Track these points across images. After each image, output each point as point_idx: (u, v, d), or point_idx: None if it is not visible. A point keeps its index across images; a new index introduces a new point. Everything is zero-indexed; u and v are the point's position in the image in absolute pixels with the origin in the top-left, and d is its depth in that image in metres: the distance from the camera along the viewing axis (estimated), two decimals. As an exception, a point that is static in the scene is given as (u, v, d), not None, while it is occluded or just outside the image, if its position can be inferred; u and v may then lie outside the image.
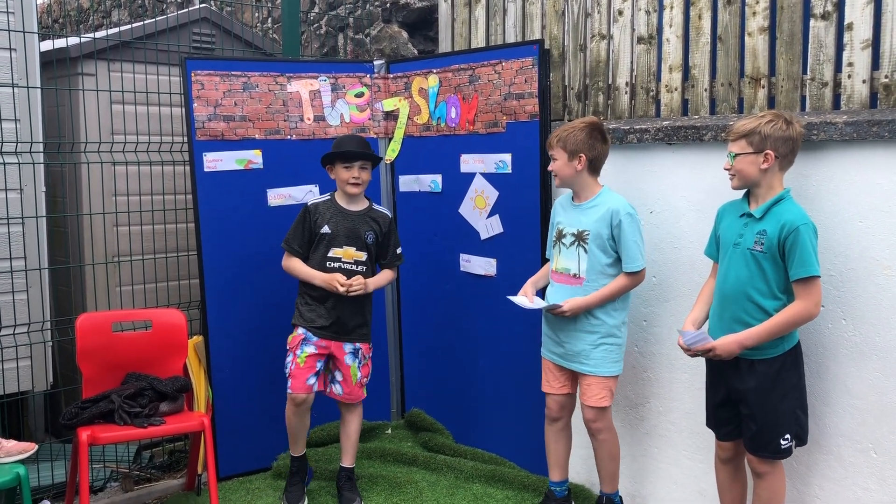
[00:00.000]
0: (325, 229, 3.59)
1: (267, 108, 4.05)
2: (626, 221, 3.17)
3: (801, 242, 2.67)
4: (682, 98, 3.55)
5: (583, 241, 3.24)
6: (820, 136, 2.89)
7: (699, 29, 3.46)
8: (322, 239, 3.60)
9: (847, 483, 2.94)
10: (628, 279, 3.21)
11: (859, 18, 2.98)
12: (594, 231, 3.21)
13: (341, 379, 3.64)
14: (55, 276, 4.27)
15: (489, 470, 3.86)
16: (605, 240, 3.20)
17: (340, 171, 3.59)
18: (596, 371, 3.24)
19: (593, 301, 3.20)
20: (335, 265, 3.59)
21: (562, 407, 3.40)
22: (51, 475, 3.80)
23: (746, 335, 2.75)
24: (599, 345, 3.23)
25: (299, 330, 3.59)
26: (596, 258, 3.22)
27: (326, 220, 3.60)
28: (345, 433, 3.72)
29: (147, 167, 4.20)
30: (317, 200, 3.67)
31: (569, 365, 3.31)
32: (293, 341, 3.60)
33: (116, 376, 3.61)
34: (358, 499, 3.63)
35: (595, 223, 3.22)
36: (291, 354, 3.58)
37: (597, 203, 3.26)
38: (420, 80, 4.22)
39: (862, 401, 2.89)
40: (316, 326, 3.58)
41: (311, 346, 3.57)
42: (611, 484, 3.39)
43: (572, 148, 3.20)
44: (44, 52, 4.19)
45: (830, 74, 3.09)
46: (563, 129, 3.26)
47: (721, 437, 2.99)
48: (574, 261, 3.26)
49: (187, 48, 4.45)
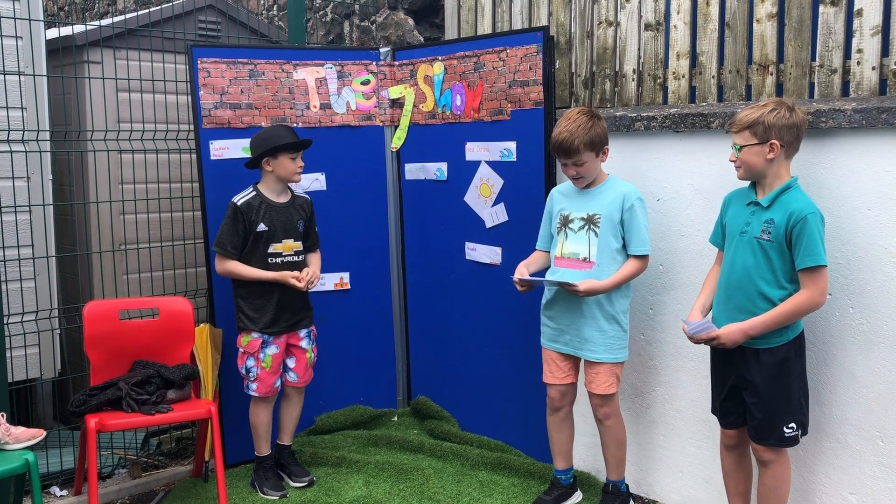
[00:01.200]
0: (262, 227, 3.56)
1: (273, 96, 4.04)
2: (637, 206, 3.20)
3: (808, 231, 2.65)
4: (690, 85, 3.53)
5: (594, 224, 3.24)
6: (828, 124, 2.88)
7: (707, 15, 3.44)
8: (260, 237, 3.56)
9: (853, 471, 2.94)
10: (638, 263, 3.22)
11: (869, 4, 2.96)
12: (606, 214, 3.22)
13: (293, 365, 3.70)
14: (62, 263, 4.28)
15: (495, 457, 3.87)
16: (616, 224, 3.21)
17: (286, 163, 3.55)
18: (604, 358, 3.24)
19: (609, 285, 3.18)
20: (277, 260, 3.60)
21: (563, 396, 3.41)
22: (59, 462, 3.82)
23: (751, 324, 2.74)
24: (606, 331, 3.23)
25: (253, 334, 3.59)
26: (607, 242, 3.22)
27: (261, 218, 3.56)
28: (290, 416, 3.79)
29: (153, 155, 4.20)
30: (245, 198, 3.56)
31: (575, 352, 3.31)
32: (251, 346, 3.59)
33: (124, 364, 3.63)
34: (311, 474, 3.75)
35: (607, 207, 3.22)
36: (252, 359, 3.60)
37: (606, 188, 3.27)
38: (425, 68, 4.21)
39: (869, 389, 2.88)
40: (269, 327, 3.59)
41: (273, 347, 3.62)
42: (617, 471, 3.39)
43: (599, 146, 3.21)
44: (50, 39, 4.18)
45: (839, 61, 3.06)
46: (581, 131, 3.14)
47: (726, 424, 2.99)
48: (584, 245, 3.26)
49: (193, 36, 4.44)
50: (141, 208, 4.28)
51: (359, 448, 4.08)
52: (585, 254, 3.25)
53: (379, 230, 4.40)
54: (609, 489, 3.41)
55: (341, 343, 4.30)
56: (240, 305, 3.63)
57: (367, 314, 4.38)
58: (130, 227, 4.29)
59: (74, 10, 7.90)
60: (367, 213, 4.35)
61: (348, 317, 4.31)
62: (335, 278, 4.26)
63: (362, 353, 4.38)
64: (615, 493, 3.40)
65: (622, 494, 3.41)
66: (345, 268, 4.29)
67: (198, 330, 3.76)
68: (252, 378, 3.61)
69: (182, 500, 3.66)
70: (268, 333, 3.60)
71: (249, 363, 3.61)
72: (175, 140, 4.17)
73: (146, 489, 3.85)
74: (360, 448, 4.08)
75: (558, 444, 3.47)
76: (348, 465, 3.88)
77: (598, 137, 3.18)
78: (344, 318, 4.30)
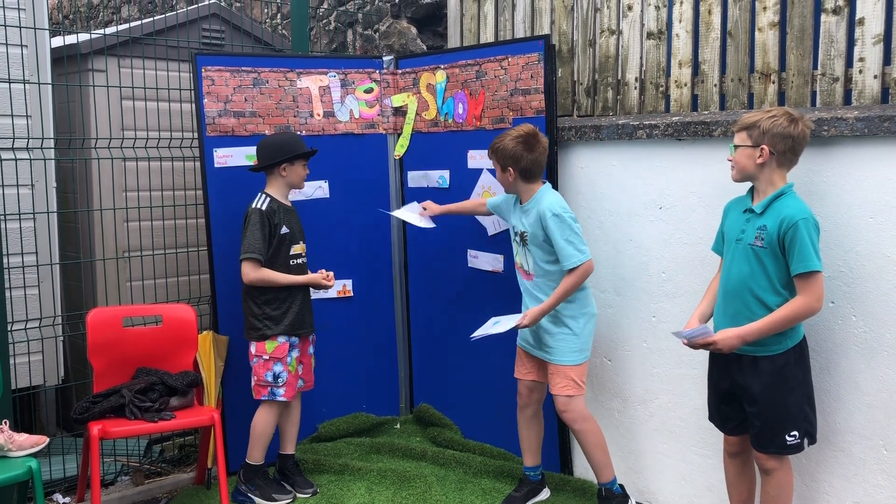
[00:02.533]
0: (285, 229, 3.59)
1: (277, 104, 4.06)
2: (551, 223, 3.26)
3: (799, 237, 2.65)
4: (692, 93, 3.54)
5: (524, 241, 3.40)
6: (830, 132, 2.88)
7: (709, 24, 3.45)
8: (283, 240, 3.59)
9: (857, 480, 2.93)
10: (572, 276, 3.27)
11: (871, 13, 2.96)
12: (531, 232, 3.35)
13: (302, 372, 3.73)
14: (66, 271, 4.29)
15: (497, 465, 3.87)
16: (542, 240, 3.32)
17: (300, 170, 3.65)
18: (556, 360, 3.37)
19: (547, 307, 3.32)
20: (298, 261, 3.66)
21: (530, 392, 3.52)
22: (62, 469, 3.83)
23: (747, 330, 2.74)
24: (556, 334, 3.36)
25: (280, 339, 3.58)
26: (537, 256, 3.36)
27: (283, 221, 3.60)
28: (291, 421, 3.80)
29: (157, 163, 4.21)
30: (264, 204, 3.57)
31: (535, 353, 3.46)
32: (279, 351, 3.58)
33: (127, 371, 3.63)
34: (315, 486, 3.75)
35: (531, 225, 3.35)
36: (280, 364, 3.58)
37: (531, 206, 3.38)
38: (428, 76, 4.22)
39: (872, 397, 2.88)
40: (297, 329, 3.62)
41: (296, 351, 3.65)
42: (604, 473, 3.43)
43: (501, 161, 3.36)
44: (54, 48, 4.20)
45: (841, 70, 3.07)
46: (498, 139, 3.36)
47: (727, 431, 2.99)
48: (523, 258, 3.44)
49: (197, 44, 4.46)
50: (144, 216, 4.29)
51: (361, 455, 4.08)
52: (527, 267, 3.43)
53: (382, 238, 4.41)
54: (603, 494, 3.44)
55: (344, 350, 4.30)
56: (264, 312, 3.58)
57: (370, 321, 4.38)
58: (134, 235, 4.30)
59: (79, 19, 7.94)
60: (370, 221, 4.36)
61: (351, 324, 4.32)
62: (338, 286, 4.27)
63: (365, 360, 4.38)
64: (609, 497, 3.43)
65: (617, 496, 3.43)
66: (348, 275, 4.29)
67: (201, 337, 3.77)
68: (281, 383, 3.58)
69: (184, 507, 3.66)
70: (295, 335, 3.62)
71: (278, 368, 3.58)
72: (179, 148, 4.18)
73: (149, 496, 3.86)
74: (363, 455, 4.08)
75: (527, 440, 3.57)
76: (351, 472, 3.88)
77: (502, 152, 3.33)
78: (347, 325, 4.30)
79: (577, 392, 3.34)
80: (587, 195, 3.75)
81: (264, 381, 3.59)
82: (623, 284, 3.62)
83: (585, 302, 3.39)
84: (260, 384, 3.61)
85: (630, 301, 3.60)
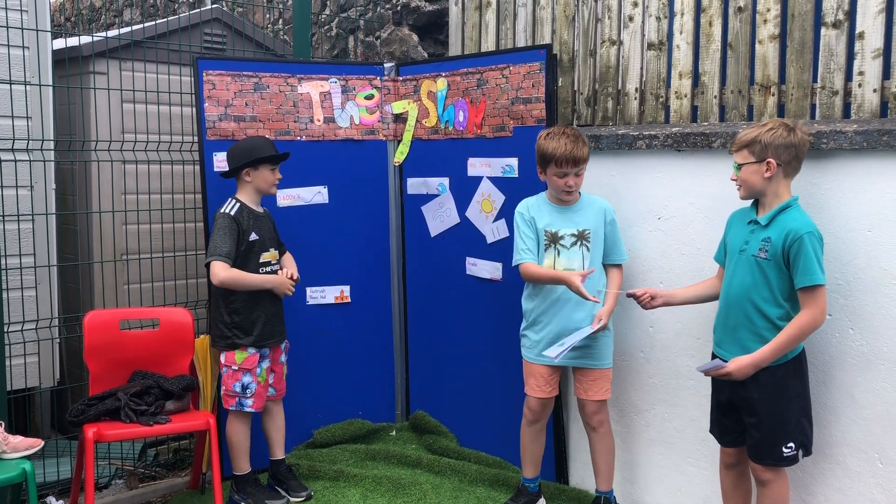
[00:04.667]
0: (254, 236, 3.55)
1: (277, 109, 4.07)
2: (616, 218, 3.43)
3: (804, 251, 2.66)
4: (692, 104, 3.55)
5: (585, 240, 3.37)
6: (829, 145, 2.89)
7: (710, 36, 3.46)
8: (252, 246, 3.55)
9: (852, 493, 2.93)
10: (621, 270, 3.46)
11: (871, 27, 2.98)
12: (594, 229, 3.38)
13: (273, 380, 3.69)
14: (63, 273, 4.29)
15: (493, 473, 3.86)
16: (601, 237, 3.39)
17: (266, 174, 3.58)
18: (602, 364, 3.41)
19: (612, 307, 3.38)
20: (267, 269, 3.60)
21: (544, 408, 3.53)
22: (56, 471, 3.82)
23: (760, 356, 2.74)
24: (599, 337, 3.38)
25: (250, 350, 3.54)
26: (597, 255, 3.40)
27: (252, 227, 3.56)
28: (276, 426, 3.78)
29: (157, 166, 4.22)
30: (233, 209, 3.53)
31: (572, 362, 3.40)
32: (248, 362, 3.53)
33: (123, 374, 3.63)
34: (309, 489, 3.73)
35: (593, 222, 3.39)
36: (249, 375, 3.54)
37: (586, 204, 3.43)
38: (429, 84, 4.23)
39: (868, 410, 2.88)
40: (266, 339, 3.58)
41: (266, 361, 3.61)
42: (608, 481, 3.45)
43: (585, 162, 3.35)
44: (56, 50, 4.21)
45: (841, 83, 3.08)
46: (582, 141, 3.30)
47: (725, 443, 2.99)
48: (578, 260, 3.38)
49: (198, 48, 4.47)
50: (143, 219, 4.29)
51: (356, 462, 4.07)
52: (580, 268, 3.36)
53: (380, 244, 4.41)
54: (601, 502, 3.44)
55: (341, 356, 4.30)
56: (233, 321, 3.54)
57: (367, 328, 4.38)
58: (132, 238, 4.30)
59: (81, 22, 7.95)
60: (368, 227, 4.36)
61: (348, 330, 4.31)
62: (336, 291, 4.27)
63: (361, 367, 4.38)
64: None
65: None
66: (345, 281, 4.29)
67: (198, 341, 3.76)
68: (249, 394, 3.55)
69: (178, 511, 3.65)
70: (265, 346, 3.59)
71: (246, 379, 3.55)
72: (178, 151, 4.18)
73: (143, 500, 3.84)
74: (358, 462, 4.07)
75: (531, 453, 3.56)
76: (346, 478, 3.87)
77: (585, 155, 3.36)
78: (344, 331, 4.30)
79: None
80: (586, 204, 3.75)
81: (232, 392, 3.55)
82: (621, 294, 3.62)
83: None
84: (228, 394, 3.57)
85: (627, 311, 3.60)
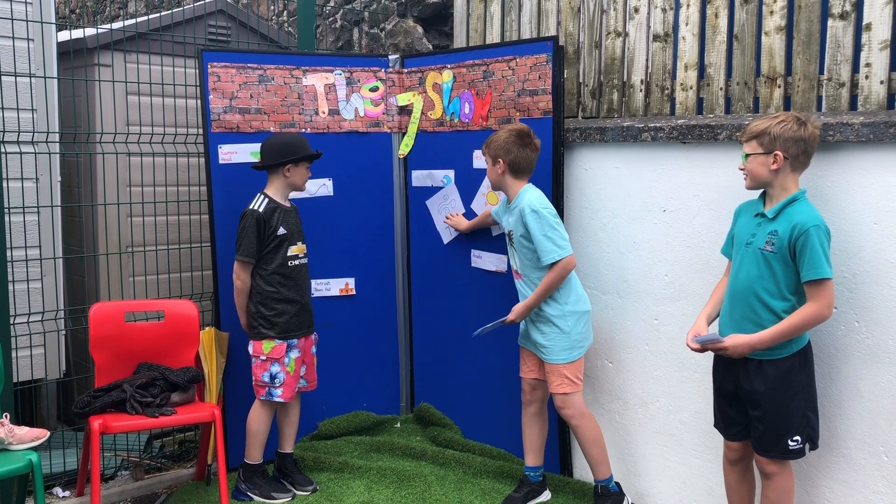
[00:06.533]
0: (282, 230, 3.56)
1: (282, 101, 4.06)
2: (530, 219, 3.33)
3: (811, 244, 2.65)
4: (698, 96, 3.53)
5: (511, 240, 3.45)
6: (836, 137, 2.88)
7: (715, 27, 3.45)
8: (282, 241, 3.57)
9: (857, 486, 2.93)
10: (553, 272, 3.33)
11: (878, 19, 2.96)
12: (515, 231, 3.41)
13: (304, 372, 3.71)
14: (69, 265, 4.30)
15: (497, 465, 3.87)
16: (522, 237, 3.38)
17: (303, 172, 3.62)
18: (549, 359, 3.42)
19: (531, 303, 3.40)
20: (296, 262, 3.62)
21: (533, 389, 3.55)
22: (63, 462, 3.83)
23: (759, 338, 2.74)
24: (546, 334, 3.41)
25: (277, 340, 3.57)
26: (522, 255, 3.43)
27: (280, 222, 3.57)
28: (289, 421, 3.78)
29: (162, 158, 4.22)
30: (259, 206, 3.55)
31: (535, 352, 3.51)
32: (276, 351, 3.57)
33: (128, 366, 3.64)
34: (315, 483, 3.75)
35: (514, 223, 3.42)
36: (278, 364, 3.57)
37: (515, 204, 3.44)
38: (434, 75, 4.22)
39: (873, 403, 2.87)
40: (290, 332, 3.59)
41: (295, 351, 3.63)
42: (601, 470, 3.46)
43: (491, 153, 3.42)
44: (61, 42, 4.21)
45: (847, 75, 3.06)
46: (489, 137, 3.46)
47: (730, 437, 2.98)
48: (514, 258, 3.51)
49: (203, 40, 4.46)
50: (148, 211, 4.30)
51: (361, 454, 4.08)
52: (515, 266, 3.51)
53: (385, 236, 4.41)
54: (599, 491, 3.46)
55: (345, 348, 4.30)
56: (259, 311, 3.58)
57: (372, 320, 4.39)
58: (137, 230, 4.30)
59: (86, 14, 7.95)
60: (373, 219, 4.36)
61: (353, 322, 4.32)
62: (340, 284, 4.27)
63: (366, 358, 4.38)
64: (605, 494, 3.45)
65: (613, 494, 3.46)
66: (350, 273, 4.29)
67: (203, 333, 3.77)
68: (278, 384, 3.57)
69: (184, 502, 3.66)
70: (292, 337, 3.60)
71: (275, 369, 3.57)
72: (184, 143, 4.19)
73: (148, 491, 3.86)
74: (363, 454, 4.08)
75: (529, 439, 3.58)
76: (350, 470, 3.88)
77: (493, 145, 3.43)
78: (348, 323, 4.30)
79: (572, 389, 3.38)
80: (591, 197, 3.75)
81: (261, 382, 3.59)
82: (625, 287, 3.62)
83: (574, 301, 3.41)
84: (258, 384, 3.61)
85: (632, 303, 3.60)
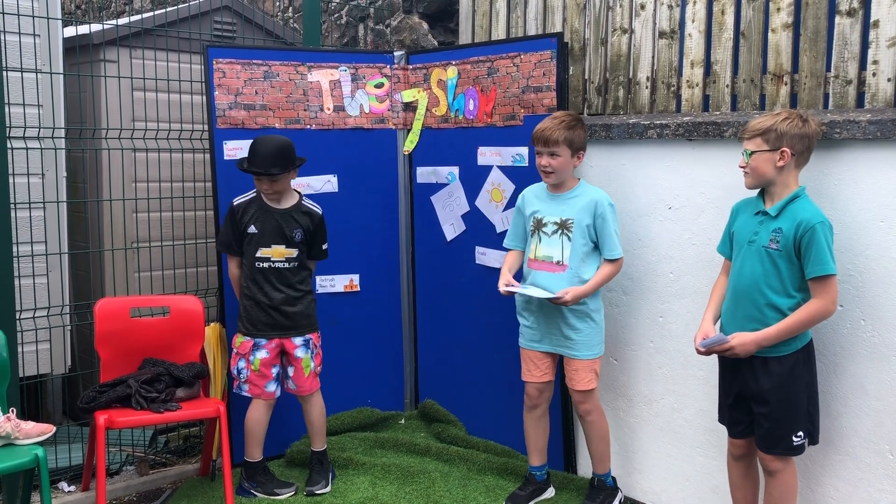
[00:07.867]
0: (252, 229, 3.55)
1: (287, 98, 4.06)
2: (608, 212, 3.32)
3: (816, 241, 2.66)
4: (704, 94, 3.53)
5: (567, 229, 3.35)
6: (843, 135, 2.87)
7: (722, 24, 3.44)
8: (251, 239, 3.56)
9: (862, 484, 2.93)
10: (612, 266, 3.35)
11: (886, 16, 2.95)
12: (578, 220, 3.33)
13: (293, 374, 3.67)
14: (74, 260, 4.31)
15: (501, 462, 3.87)
16: (586, 228, 3.32)
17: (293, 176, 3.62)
18: (581, 354, 3.37)
19: (590, 289, 3.32)
20: (265, 265, 3.57)
21: (541, 393, 3.52)
22: (68, 457, 3.84)
23: (764, 335, 2.73)
24: (581, 329, 3.36)
25: (245, 337, 3.59)
26: (578, 246, 3.34)
27: (252, 220, 3.56)
28: (308, 421, 3.77)
29: (167, 154, 4.22)
30: (242, 199, 3.59)
31: (556, 350, 3.42)
32: (242, 347, 3.59)
33: (134, 361, 3.65)
34: (323, 482, 3.70)
35: (578, 212, 3.34)
36: (243, 360, 3.59)
37: (578, 193, 3.38)
38: (439, 72, 4.22)
39: (879, 402, 2.87)
40: (258, 330, 3.58)
41: (263, 351, 3.59)
42: (602, 465, 3.49)
43: (576, 147, 3.34)
44: (66, 38, 4.21)
45: (855, 72, 3.06)
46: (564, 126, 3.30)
47: (734, 434, 2.98)
48: (557, 248, 3.37)
49: (209, 36, 4.46)
50: (154, 207, 4.30)
51: (365, 450, 4.08)
52: (559, 257, 3.36)
53: (389, 233, 4.41)
54: (595, 483, 3.50)
55: (350, 345, 4.31)
56: (241, 304, 3.65)
57: (377, 316, 4.39)
58: (143, 226, 4.31)
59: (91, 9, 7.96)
60: (378, 216, 4.36)
61: (357, 319, 4.32)
62: (345, 280, 4.27)
63: (371, 355, 4.39)
64: (601, 487, 3.49)
65: (608, 488, 3.50)
66: (355, 270, 4.30)
67: (208, 329, 3.78)
68: (243, 379, 3.61)
69: (189, 498, 3.67)
70: (258, 336, 3.59)
71: (241, 364, 3.60)
72: (189, 140, 4.19)
73: (153, 486, 3.87)
74: (367, 450, 4.09)
75: (535, 440, 3.57)
76: (355, 466, 3.89)
77: (578, 138, 3.33)
78: (353, 319, 4.31)
79: (597, 384, 3.42)
80: (596, 194, 3.74)
81: (233, 375, 3.65)
82: (631, 284, 3.62)
83: (600, 296, 3.44)
84: (232, 375, 3.68)
85: (637, 301, 3.60)
